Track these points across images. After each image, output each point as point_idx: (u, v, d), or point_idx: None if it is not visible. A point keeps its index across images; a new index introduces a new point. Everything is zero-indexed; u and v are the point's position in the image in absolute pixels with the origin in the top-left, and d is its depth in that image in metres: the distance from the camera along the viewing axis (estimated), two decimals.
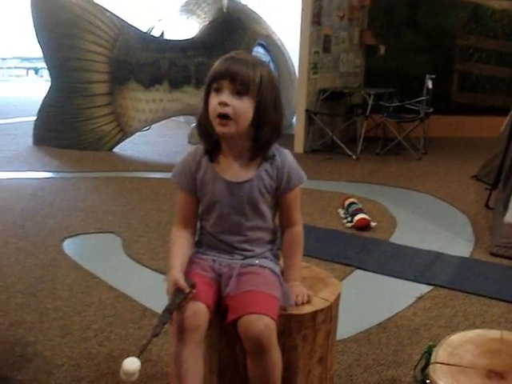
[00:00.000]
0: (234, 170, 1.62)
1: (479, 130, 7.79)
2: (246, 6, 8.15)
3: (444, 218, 4.19)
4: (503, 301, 2.80)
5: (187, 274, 1.58)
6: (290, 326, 1.54)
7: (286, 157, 1.67)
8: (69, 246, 3.40)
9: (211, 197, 1.64)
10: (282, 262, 1.73)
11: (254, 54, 5.56)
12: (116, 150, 6.25)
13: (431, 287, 2.92)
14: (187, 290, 1.51)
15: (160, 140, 7.09)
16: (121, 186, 4.83)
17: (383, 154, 6.51)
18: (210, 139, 1.62)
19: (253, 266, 1.62)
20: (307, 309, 1.57)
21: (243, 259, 1.64)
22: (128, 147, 6.35)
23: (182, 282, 1.52)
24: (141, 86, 6.05)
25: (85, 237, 3.59)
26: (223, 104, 1.53)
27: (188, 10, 7.91)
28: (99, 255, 3.30)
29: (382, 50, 7.74)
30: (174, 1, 9.02)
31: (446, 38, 7.85)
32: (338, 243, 3.53)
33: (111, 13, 5.99)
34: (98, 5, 6.06)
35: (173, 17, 8.29)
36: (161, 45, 6.43)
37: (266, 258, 1.67)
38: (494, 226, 3.80)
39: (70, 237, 3.55)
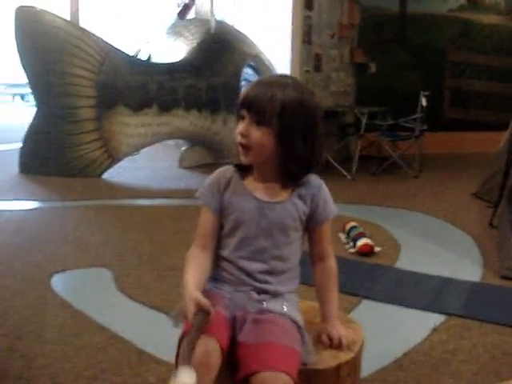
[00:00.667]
0: (265, 190, 1.53)
1: (473, 146, 7.71)
2: (233, 26, 8.04)
3: (448, 240, 4.04)
4: None
5: None
6: (310, 382, 1.36)
7: (321, 183, 1.57)
8: (57, 283, 3.19)
9: (238, 216, 1.52)
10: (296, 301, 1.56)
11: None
12: (105, 176, 6.06)
13: (445, 317, 2.75)
14: (211, 309, 1.34)
15: (150, 165, 6.91)
16: (111, 215, 4.65)
17: (379, 173, 6.37)
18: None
19: (271, 312, 1.45)
20: (329, 362, 1.39)
21: (260, 299, 1.49)
22: (117, 173, 6.17)
23: (204, 300, 1.36)
24: (129, 110, 5.88)
25: (74, 272, 3.38)
26: (240, 134, 1.48)
27: (175, 32, 7.79)
28: (90, 292, 3.10)
29: (373, 67, 7.65)
30: (161, 23, 8.94)
31: (437, 54, 7.79)
32: (341, 271, 3.31)
33: (97, 36, 5.84)
34: (83, 29, 5.92)
35: (160, 39, 8.16)
36: (148, 68, 6.28)
37: (286, 301, 1.51)
38: (501, 247, 3.65)
39: (59, 272, 3.34)
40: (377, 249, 3.68)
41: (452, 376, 2.17)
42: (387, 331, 2.65)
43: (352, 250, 3.70)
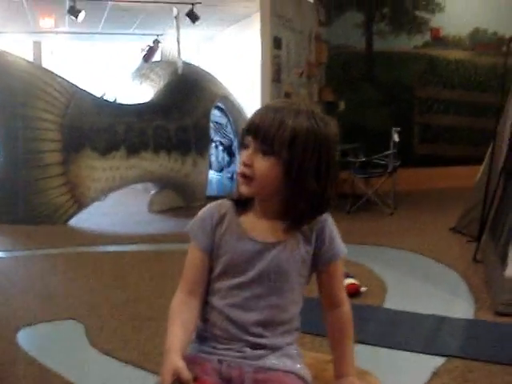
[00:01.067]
0: (262, 229, 1.33)
1: (444, 181, 7.69)
2: (200, 67, 7.97)
3: (434, 276, 3.90)
4: None
5: None
6: None
7: (326, 218, 1.35)
8: (24, 338, 2.93)
9: (230, 258, 1.32)
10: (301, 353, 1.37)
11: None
12: (71, 222, 5.81)
13: (444, 358, 2.58)
14: None
15: (118, 210, 6.67)
16: (79, 263, 4.40)
17: (354, 211, 6.25)
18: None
19: (273, 369, 1.25)
20: None
21: (257, 355, 1.27)
22: (84, 219, 5.92)
23: (186, 373, 1.16)
24: (96, 153, 5.68)
25: (42, 326, 3.12)
26: (243, 163, 1.28)
27: (141, 74, 7.69)
28: (60, 347, 2.84)
29: (342, 105, 7.61)
30: (125, 68, 8.84)
31: (405, 91, 7.81)
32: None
33: (62, 78, 5.67)
34: (48, 70, 5.74)
35: (125, 83, 8.04)
36: (116, 109, 6.12)
37: (288, 355, 1.30)
38: (491, 282, 3.52)
39: (25, 326, 3.08)
40: (363, 289, 3.52)
41: None
42: (384, 377, 2.44)
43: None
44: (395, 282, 3.77)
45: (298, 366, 1.29)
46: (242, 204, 1.35)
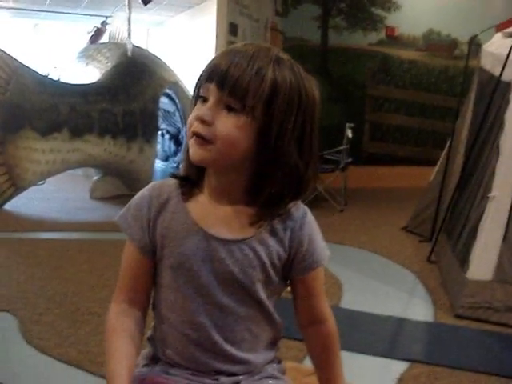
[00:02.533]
0: (220, 220, 1.01)
1: (393, 181, 7.66)
2: (149, 51, 7.67)
3: (390, 276, 3.78)
4: (492, 374, 2.37)
5: None
6: None
7: (305, 212, 1.06)
8: None
9: (178, 260, 1.01)
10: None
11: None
12: (7, 207, 5.42)
13: (407, 363, 2.45)
14: None
15: (57, 195, 6.31)
16: (14, 251, 4.07)
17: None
18: (192, 166, 1.01)
19: None
20: None
21: (233, 381, 1.03)
22: (21, 204, 5.54)
23: None
24: (36, 133, 5.31)
25: None
26: (200, 120, 0.95)
27: (87, 55, 7.30)
28: None
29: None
30: (71, 48, 8.45)
31: (357, 88, 7.73)
32: (283, 315, 3.00)
33: (4, 52, 5.27)
34: None
35: (69, 64, 7.65)
36: (60, 88, 5.74)
37: (272, 377, 1.07)
38: (449, 284, 3.42)
39: None
40: None
41: None
42: None
43: (289, 289, 3.35)
44: (350, 280, 3.63)
45: None
46: (190, 184, 1.03)
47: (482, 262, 3.09)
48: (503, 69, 3.48)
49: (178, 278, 1.01)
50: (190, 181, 1.03)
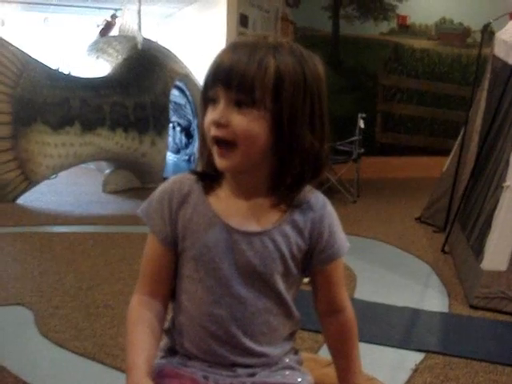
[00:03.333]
0: (241, 213, 1.02)
1: (405, 171, 7.62)
2: (160, 44, 7.66)
3: (404, 267, 3.77)
4: (508, 365, 2.36)
5: None
6: None
7: (325, 203, 1.06)
8: None
9: (200, 253, 1.02)
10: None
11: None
12: (20, 201, 5.46)
13: (423, 354, 2.44)
14: None
15: (70, 189, 6.33)
16: (29, 244, 4.09)
17: None
18: (211, 163, 1.02)
19: None
20: None
21: (249, 372, 1.03)
22: (34, 198, 5.58)
23: None
24: (48, 127, 5.33)
25: None
26: (216, 124, 0.96)
27: (98, 48, 7.31)
28: (6, 336, 2.57)
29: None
30: (81, 42, 8.45)
31: (369, 78, 7.68)
32: (299, 306, 2.99)
33: (14, 46, 5.29)
34: None
35: (80, 57, 7.66)
36: (71, 82, 5.75)
37: (289, 367, 1.07)
38: (463, 274, 3.40)
39: None
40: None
41: None
42: None
43: (306, 280, 3.34)
44: (364, 271, 3.61)
45: (299, 379, 1.06)
46: (210, 179, 1.04)
47: (497, 253, 3.06)
48: None
49: (200, 269, 1.03)
50: (210, 176, 1.04)
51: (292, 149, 0.98)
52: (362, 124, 6.10)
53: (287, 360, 1.09)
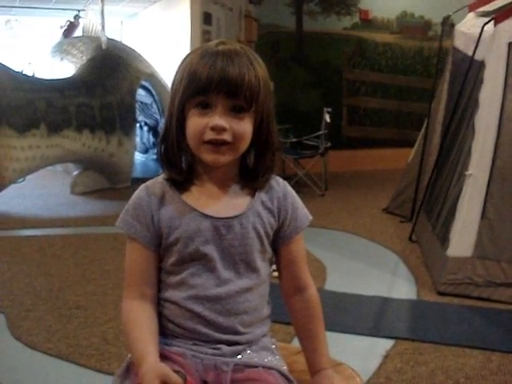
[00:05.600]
0: (217, 202, 1.12)
1: (372, 163, 7.73)
2: (125, 44, 7.63)
3: (372, 257, 3.84)
4: (476, 348, 2.43)
5: None
6: None
7: (285, 185, 1.19)
8: None
9: (185, 244, 1.09)
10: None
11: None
12: None
13: (393, 341, 2.50)
14: None
15: (38, 192, 6.27)
16: None
17: None
18: (178, 167, 1.12)
19: (252, 366, 1.07)
20: None
21: (233, 351, 1.09)
22: (2, 201, 5.51)
23: (175, 377, 0.96)
24: (14, 131, 5.27)
25: None
26: (219, 129, 1.05)
27: (62, 50, 7.25)
28: None
29: (272, 86, 7.46)
30: (44, 43, 8.36)
31: (334, 73, 7.75)
32: (270, 299, 3.04)
33: None
34: None
35: (44, 59, 7.58)
36: (35, 84, 5.69)
37: (265, 348, 1.13)
38: (430, 262, 3.49)
39: None
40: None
41: None
42: None
43: (276, 274, 3.39)
44: (333, 262, 3.68)
45: (280, 361, 1.13)
46: (178, 182, 1.13)
47: (462, 239, 3.15)
48: (476, 48, 3.53)
49: (186, 262, 1.10)
50: (177, 181, 1.13)
51: (267, 142, 1.12)
52: (327, 118, 6.17)
53: (266, 341, 1.16)
